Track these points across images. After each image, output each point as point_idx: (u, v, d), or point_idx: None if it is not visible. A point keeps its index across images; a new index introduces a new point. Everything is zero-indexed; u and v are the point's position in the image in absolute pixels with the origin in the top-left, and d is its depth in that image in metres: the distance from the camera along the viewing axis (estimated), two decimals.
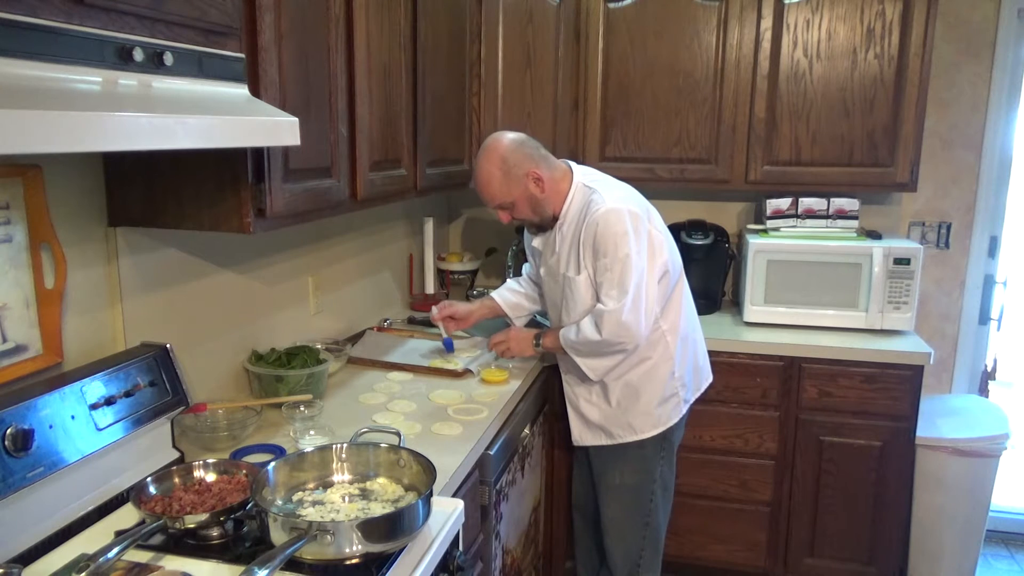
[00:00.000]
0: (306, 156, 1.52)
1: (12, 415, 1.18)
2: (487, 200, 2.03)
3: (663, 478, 2.19)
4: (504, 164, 1.97)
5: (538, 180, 1.99)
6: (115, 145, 0.94)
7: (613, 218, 1.92)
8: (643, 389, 2.08)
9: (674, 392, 2.12)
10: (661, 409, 2.11)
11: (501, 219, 2.07)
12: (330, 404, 1.94)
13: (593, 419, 2.16)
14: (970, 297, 3.08)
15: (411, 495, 1.38)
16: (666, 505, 2.24)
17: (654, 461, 2.16)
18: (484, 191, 2.02)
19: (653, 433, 2.11)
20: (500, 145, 1.99)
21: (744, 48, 2.74)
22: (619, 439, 2.14)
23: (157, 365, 1.49)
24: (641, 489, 2.17)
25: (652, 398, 2.09)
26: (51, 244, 1.36)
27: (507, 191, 1.99)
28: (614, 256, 1.92)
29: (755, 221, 3.12)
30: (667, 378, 2.10)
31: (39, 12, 0.94)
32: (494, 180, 1.98)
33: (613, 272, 1.93)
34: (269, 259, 2.07)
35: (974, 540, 2.71)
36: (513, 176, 1.97)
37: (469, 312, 2.33)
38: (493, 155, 1.98)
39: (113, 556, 1.11)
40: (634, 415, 2.10)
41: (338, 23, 1.63)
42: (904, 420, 2.57)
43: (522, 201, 2.01)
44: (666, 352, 2.08)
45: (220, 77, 1.23)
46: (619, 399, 2.10)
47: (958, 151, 3.00)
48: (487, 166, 1.99)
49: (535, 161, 2.00)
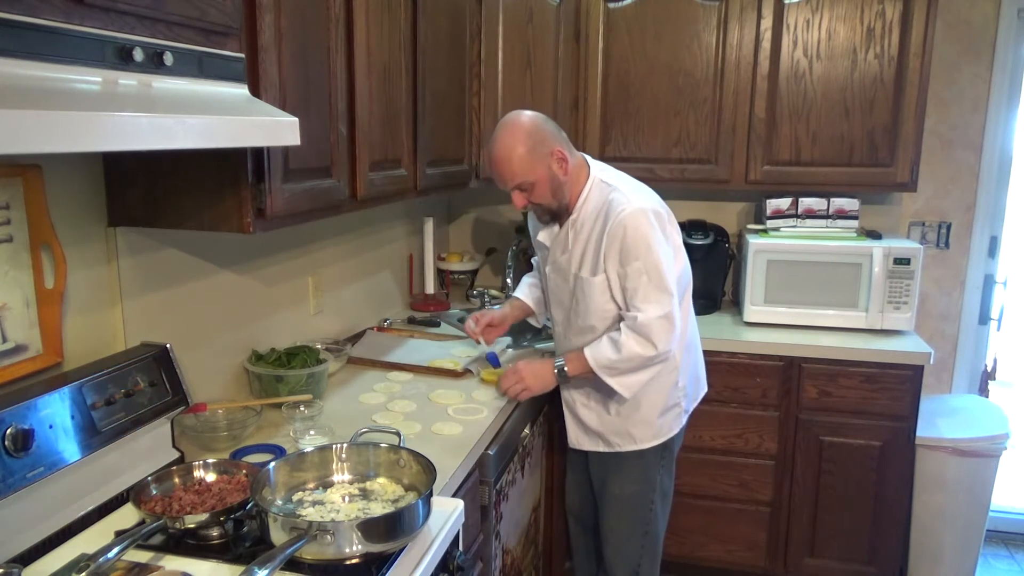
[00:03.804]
0: (306, 156, 1.52)
1: (12, 415, 1.18)
2: (505, 179, 1.87)
3: (663, 486, 2.12)
4: (529, 139, 1.83)
5: (562, 160, 1.86)
6: (115, 145, 0.94)
7: (643, 220, 1.82)
8: (644, 399, 2.00)
9: (676, 403, 2.05)
10: (662, 420, 2.04)
11: (515, 203, 1.91)
12: (330, 404, 1.94)
13: (591, 425, 2.08)
14: (970, 297, 3.08)
15: (411, 495, 1.38)
16: (665, 512, 2.17)
17: (654, 470, 2.09)
18: (503, 168, 1.85)
19: (653, 444, 2.04)
20: (524, 120, 1.86)
21: (744, 48, 2.74)
22: (617, 447, 2.06)
23: (157, 365, 1.49)
24: (640, 498, 2.10)
25: (654, 408, 2.02)
26: (51, 244, 1.36)
27: (530, 168, 1.84)
28: (647, 259, 1.82)
29: (755, 221, 3.12)
30: (670, 388, 2.03)
31: (39, 12, 0.94)
32: (515, 155, 1.82)
33: (651, 276, 1.82)
34: (269, 259, 2.07)
35: (974, 540, 2.71)
36: (538, 153, 1.83)
37: (504, 317, 2.20)
38: (517, 129, 1.84)
39: (113, 556, 1.11)
40: (634, 424, 2.03)
41: (338, 23, 1.63)
42: (904, 420, 2.58)
43: (543, 182, 1.86)
44: (671, 362, 1.99)
45: (220, 77, 1.23)
46: (619, 407, 2.02)
47: (958, 151, 3.00)
48: (509, 140, 1.83)
49: (559, 141, 1.88)
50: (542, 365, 1.99)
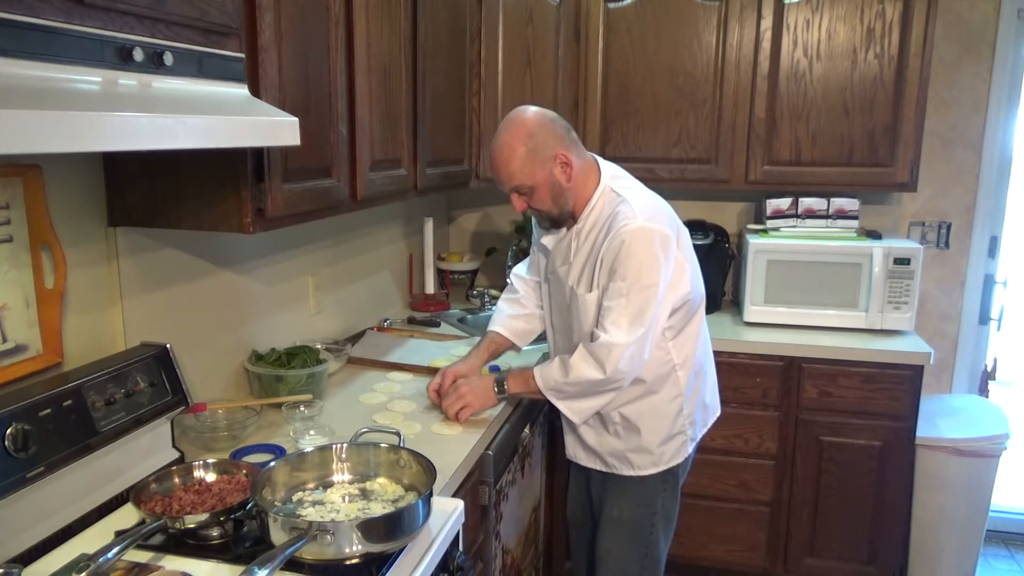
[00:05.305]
0: (306, 156, 1.52)
1: (12, 415, 1.18)
2: (504, 180, 1.77)
3: (665, 509, 1.96)
4: (531, 140, 1.71)
5: (566, 165, 1.74)
6: (115, 145, 0.94)
7: (643, 239, 1.68)
8: (644, 425, 1.87)
9: (681, 431, 1.90)
10: (664, 448, 1.89)
11: (515, 206, 1.80)
12: (330, 404, 1.94)
13: (589, 442, 1.96)
14: (970, 297, 3.08)
15: (411, 495, 1.38)
16: (667, 534, 2.02)
17: (656, 495, 1.94)
18: (502, 169, 1.75)
19: (653, 471, 1.90)
20: (528, 118, 1.74)
21: (744, 48, 2.74)
22: (615, 470, 1.93)
23: (157, 365, 1.49)
24: (641, 522, 1.96)
25: (654, 435, 1.88)
26: (51, 244, 1.36)
27: (529, 172, 1.73)
28: (635, 283, 1.69)
29: (755, 221, 3.12)
30: (673, 416, 1.88)
31: (39, 12, 0.94)
32: (516, 157, 1.72)
33: (631, 300, 1.69)
34: (269, 259, 2.07)
35: (974, 540, 2.71)
36: (539, 156, 1.72)
37: (473, 368, 2.00)
38: (519, 128, 1.73)
39: (113, 556, 1.11)
40: (632, 450, 1.90)
41: (338, 23, 1.63)
42: (904, 420, 2.58)
43: (543, 187, 1.75)
44: (675, 388, 1.86)
45: (220, 77, 1.23)
46: (617, 429, 1.90)
47: (958, 151, 3.00)
48: (510, 140, 1.72)
49: (565, 144, 1.75)
50: (482, 381, 1.89)
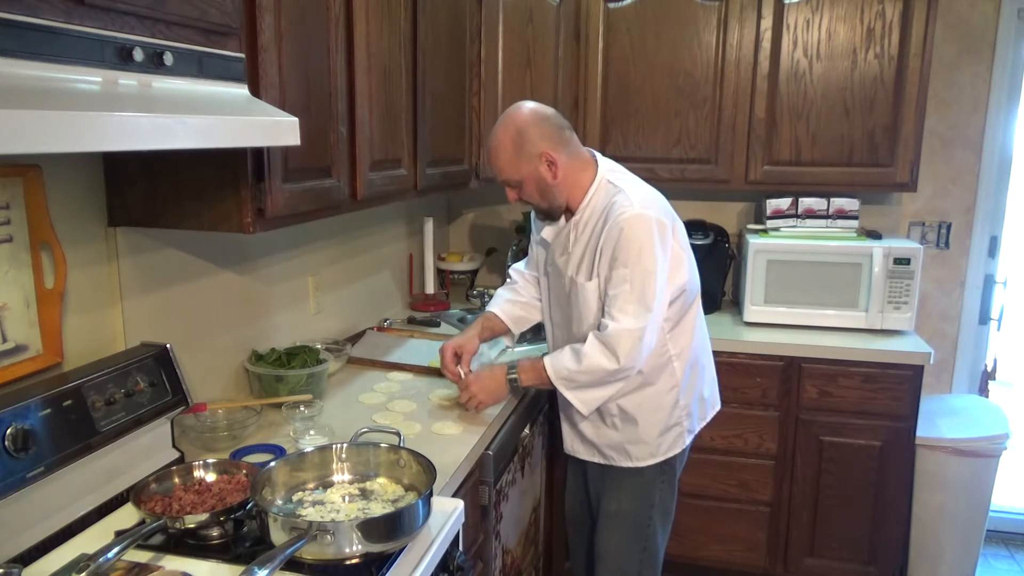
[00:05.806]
0: (306, 156, 1.52)
1: (12, 415, 1.18)
2: (496, 172, 1.87)
3: (663, 502, 2.01)
4: (518, 137, 1.78)
5: (551, 164, 1.79)
6: (115, 145, 0.94)
7: (639, 225, 1.73)
8: (641, 416, 1.91)
9: (677, 422, 1.94)
10: (661, 439, 1.94)
11: (508, 197, 1.89)
12: (330, 404, 1.94)
13: (587, 435, 1.99)
14: (970, 297, 3.08)
15: (411, 495, 1.38)
16: (665, 528, 2.06)
17: (653, 487, 1.98)
18: (493, 163, 1.84)
19: (650, 463, 1.95)
20: (520, 116, 1.81)
21: (744, 48, 2.74)
22: (613, 462, 1.98)
23: (157, 365, 1.49)
24: (639, 516, 2.00)
25: (652, 427, 1.92)
26: (51, 244, 1.36)
27: (515, 168, 1.81)
28: (636, 267, 1.73)
29: (755, 221, 3.12)
30: (670, 407, 1.92)
31: (39, 12, 0.94)
32: (503, 153, 1.80)
33: (633, 285, 1.73)
34: (269, 259, 2.07)
35: (974, 540, 2.71)
36: (524, 153, 1.79)
37: (471, 340, 2.03)
38: (510, 125, 1.80)
39: (113, 556, 1.11)
40: (630, 441, 1.94)
41: (338, 23, 1.63)
42: (904, 420, 2.58)
43: (529, 182, 1.82)
44: (671, 379, 1.91)
45: (220, 77, 1.23)
46: (615, 421, 1.94)
47: (958, 151, 3.00)
48: (501, 135, 1.81)
49: (554, 142, 1.80)
50: (492, 376, 1.91)
